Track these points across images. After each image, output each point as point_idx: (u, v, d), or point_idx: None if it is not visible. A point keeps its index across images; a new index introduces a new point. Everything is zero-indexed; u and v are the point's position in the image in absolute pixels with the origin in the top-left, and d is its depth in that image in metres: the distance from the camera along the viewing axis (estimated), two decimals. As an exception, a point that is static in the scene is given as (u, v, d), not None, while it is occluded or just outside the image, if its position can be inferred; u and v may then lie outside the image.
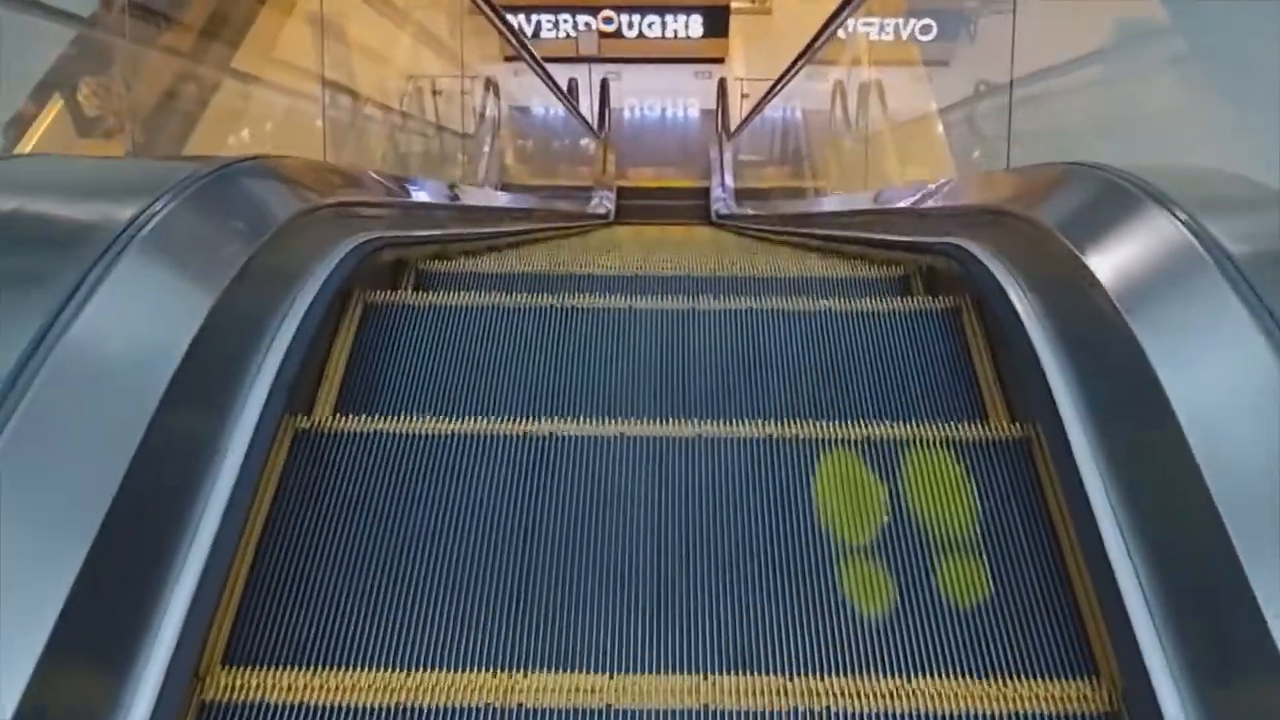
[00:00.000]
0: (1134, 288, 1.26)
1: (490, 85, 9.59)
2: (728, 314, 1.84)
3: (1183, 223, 1.21)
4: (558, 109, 10.54)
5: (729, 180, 11.00)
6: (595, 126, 11.69)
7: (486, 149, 10.61)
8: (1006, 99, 2.64)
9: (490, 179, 10.52)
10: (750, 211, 8.38)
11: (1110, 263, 1.32)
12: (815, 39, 5.71)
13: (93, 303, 0.99)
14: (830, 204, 4.10)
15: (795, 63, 6.74)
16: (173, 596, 1.01)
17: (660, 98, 13.29)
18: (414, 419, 1.47)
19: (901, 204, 2.51)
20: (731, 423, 1.47)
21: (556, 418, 1.49)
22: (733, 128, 11.24)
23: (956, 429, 1.45)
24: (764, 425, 1.46)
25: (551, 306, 1.83)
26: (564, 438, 1.44)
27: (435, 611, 1.22)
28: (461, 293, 1.86)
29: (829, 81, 7.03)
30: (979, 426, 1.46)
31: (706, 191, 11.37)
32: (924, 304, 1.85)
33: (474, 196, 3.69)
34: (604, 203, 10.48)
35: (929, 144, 5.00)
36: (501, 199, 4.36)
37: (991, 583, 1.26)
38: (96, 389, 0.97)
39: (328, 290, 1.59)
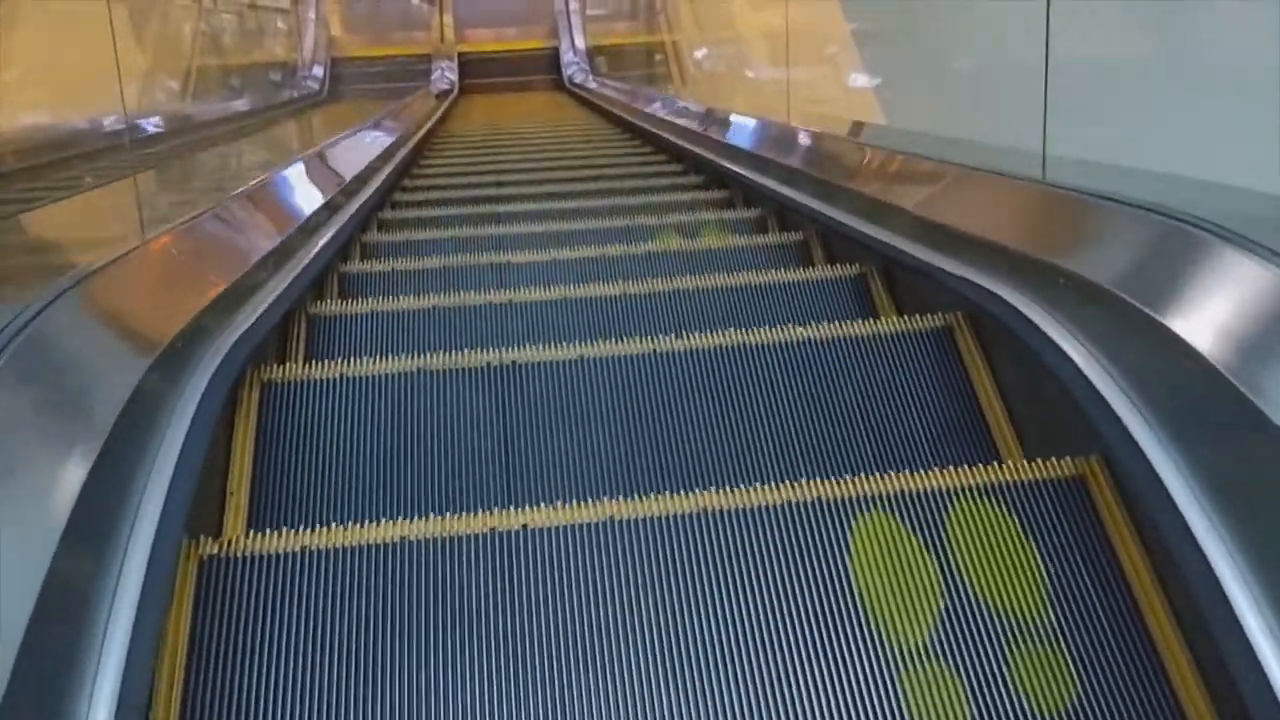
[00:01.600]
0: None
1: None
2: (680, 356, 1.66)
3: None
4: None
5: (580, 42, 10.53)
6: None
7: (311, 15, 9.81)
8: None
9: (318, 56, 9.78)
10: (613, 90, 7.99)
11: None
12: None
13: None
14: (735, 133, 3.78)
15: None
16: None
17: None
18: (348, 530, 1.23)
19: (865, 188, 2.24)
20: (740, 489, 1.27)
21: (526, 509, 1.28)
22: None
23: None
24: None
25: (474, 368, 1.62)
26: (538, 531, 1.23)
27: None
28: (368, 360, 1.61)
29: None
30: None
31: (555, 52, 10.88)
32: (909, 324, 1.71)
33: (330, 163, 3.26)
34: (446, 75, 9.89)
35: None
36: (361, 145, 3.88)
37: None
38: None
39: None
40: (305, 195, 2.51)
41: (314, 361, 1.62)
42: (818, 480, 1.27)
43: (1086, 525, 1.23)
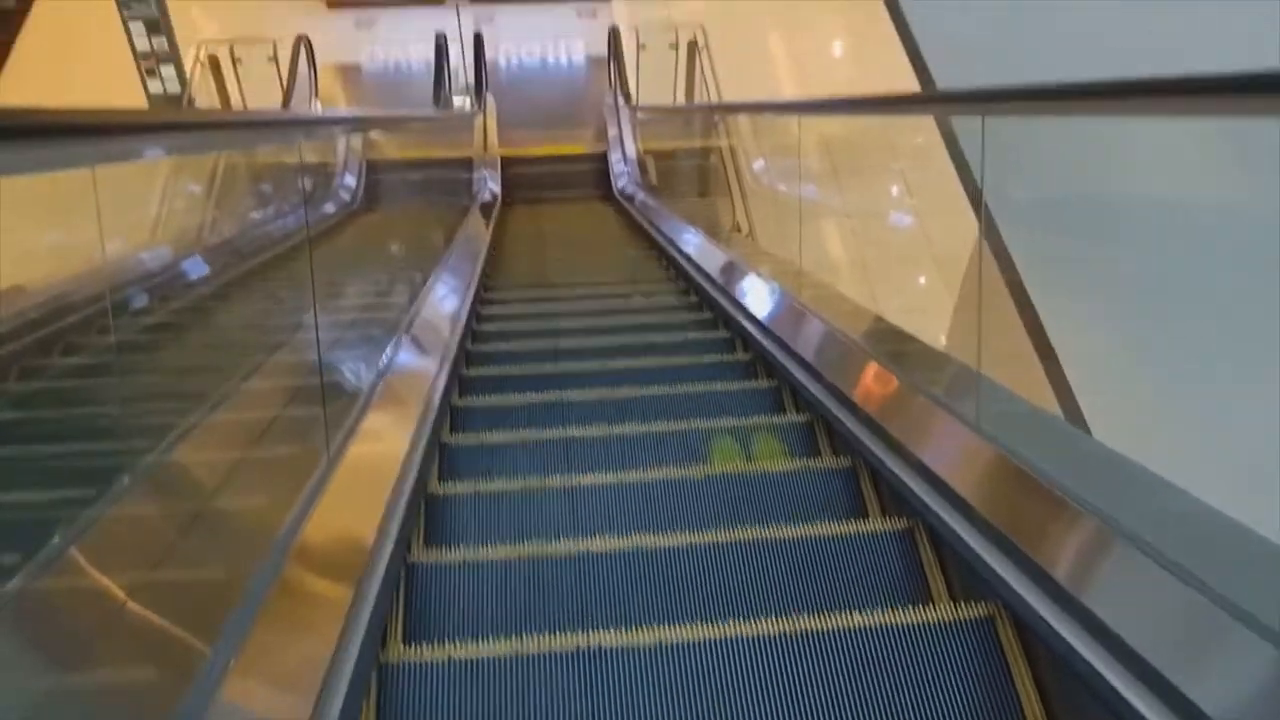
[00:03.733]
0: None
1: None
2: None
3: None
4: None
5: (630, 149, 11.09)
6: (472, 92, 11.60)
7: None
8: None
9: (350, 163, 10.36)
10: (671, 220, 8.42)
11: None
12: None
13: None
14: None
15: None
16: None
17: (541, 43, 13.20)
18: None
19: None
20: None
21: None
22: (631, 88, 11.29)
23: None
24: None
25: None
26: None
27: None
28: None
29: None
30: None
31: (604, 158, 11.44)
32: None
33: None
34: (489, 185, 10.46)
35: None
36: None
37: None
38: None
39: None
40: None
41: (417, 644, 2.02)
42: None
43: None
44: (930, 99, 4.11)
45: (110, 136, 1.34)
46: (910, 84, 11.83)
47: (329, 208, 9.34)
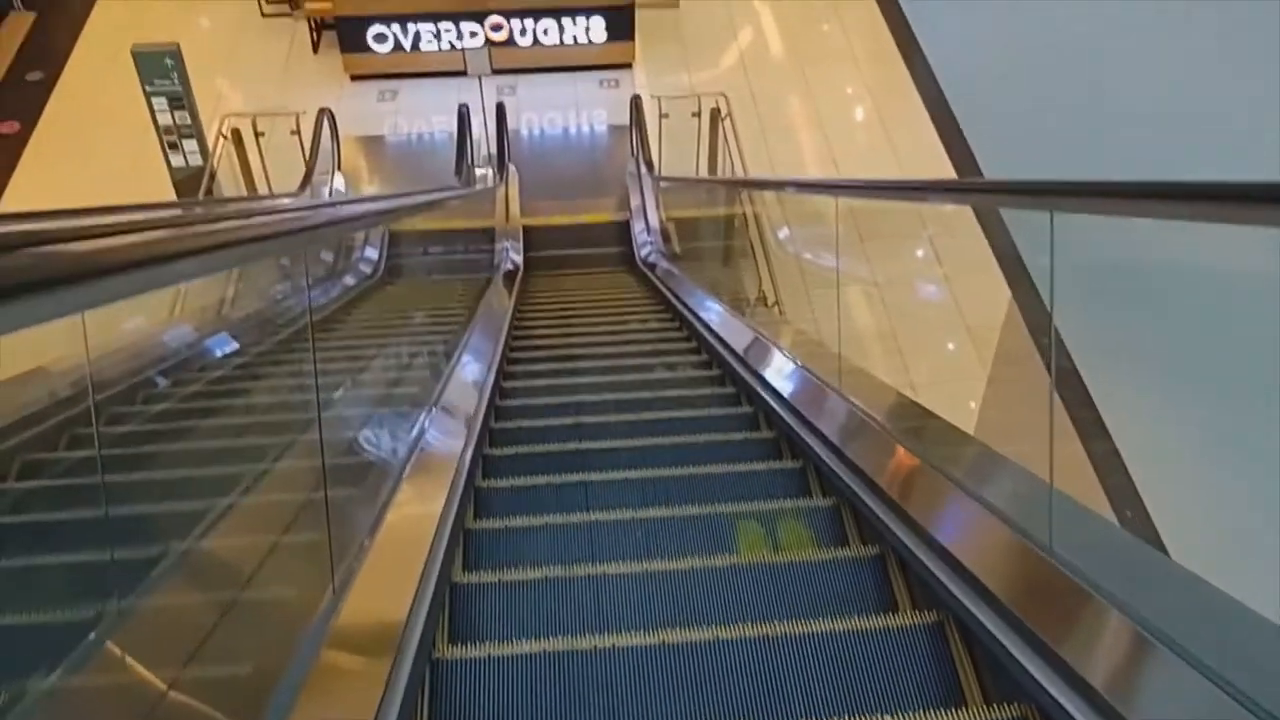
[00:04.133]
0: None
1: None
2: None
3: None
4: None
5: (653, 218, 11.19)
6: (495, 163, 11.76)
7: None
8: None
9: (370, 235, 10.48)
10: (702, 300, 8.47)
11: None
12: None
13: None
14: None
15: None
16: None
17: (563, 112, 13.39)
18: None
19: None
20: None
21: None
22: (654, 157, 11.42)
23: None
24: None
25: None
26: None
27: None
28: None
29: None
30: None
31: (626, 227, 11.54)
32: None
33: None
34: (510, 255, 10.56)
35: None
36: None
37: None
38: None
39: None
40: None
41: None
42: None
43: None
44: (988, 188, 4.01)
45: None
46: (933, 143, 11.94)
47: (349, 280, 9.46)
